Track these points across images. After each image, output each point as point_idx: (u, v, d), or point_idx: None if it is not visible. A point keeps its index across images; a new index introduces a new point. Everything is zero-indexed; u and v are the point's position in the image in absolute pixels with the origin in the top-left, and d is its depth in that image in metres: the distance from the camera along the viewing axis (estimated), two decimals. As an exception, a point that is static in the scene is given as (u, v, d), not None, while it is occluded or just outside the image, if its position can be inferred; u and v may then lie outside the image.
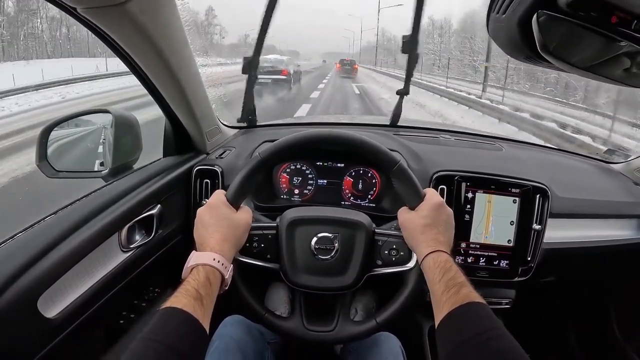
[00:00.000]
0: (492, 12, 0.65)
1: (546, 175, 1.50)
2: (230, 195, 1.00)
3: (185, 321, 0.74)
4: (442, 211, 1.00)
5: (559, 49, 0.57)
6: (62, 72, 20.98)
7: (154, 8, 0.97)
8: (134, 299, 1.32)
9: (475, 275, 1.42)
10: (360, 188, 1.53)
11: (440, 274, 0.87)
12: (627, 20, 0.53)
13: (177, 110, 1.36)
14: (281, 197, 1.54)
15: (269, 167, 1.12)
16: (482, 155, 1.68)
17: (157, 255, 1.29)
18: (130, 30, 0.97)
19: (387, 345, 1.19)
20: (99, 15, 0.91)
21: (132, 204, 1.17)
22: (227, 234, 0.94)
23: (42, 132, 1.30)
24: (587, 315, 2.02)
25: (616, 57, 0.58)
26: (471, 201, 1.40)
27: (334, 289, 1.07)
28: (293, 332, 1.08)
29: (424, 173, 1.45)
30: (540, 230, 1.41)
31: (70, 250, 0.94)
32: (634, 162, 1.83)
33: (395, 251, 1.07)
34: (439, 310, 0.82)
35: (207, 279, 0.83)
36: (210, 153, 1.58)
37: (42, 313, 0.87)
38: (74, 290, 0.97)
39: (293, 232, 1.07)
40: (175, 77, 1.19)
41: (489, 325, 0.75)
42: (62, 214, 1.04)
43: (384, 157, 1.05)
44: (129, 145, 1.35)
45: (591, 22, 0.53)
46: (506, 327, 0.70)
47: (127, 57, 1.10)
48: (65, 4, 0.87)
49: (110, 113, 1.32)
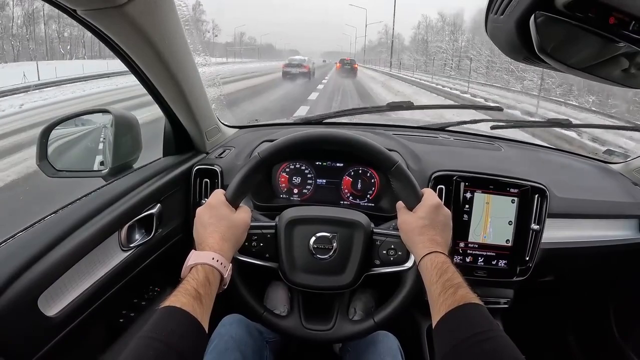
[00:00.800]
0: (491, 13, 0.65)
1: (545, 175, 1.50)
2: (230, 194, 1.00)
3: (184, 320, 0.75)
4: (439, 212, 1.00)
5: (557, 50, 0.57)
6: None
7: (153, 9, 0.98)
8: (134, 298, 1.33)
9: (473, 275, 1.43)
10: (360, 188, 1.53)
11: (437, 275, 0.87)
12: (625, 21, 0.53)
13: (177, 110, 1.37)
14: (280, 197, 1.55)
15: (268, 166, 1.12)
16: (481, 155, 1.68)
17: (157, 255, 1.30)
18: (130, 31, 0.98)
19: (385, 343, 1.20)
20: (98, 17, 0.92)
21: (132, 203, 1.17)
22: (226, 233, 0.94)
23: (43, 131, 1.30)
24: (586, 315, 2.03)
25: (614, 58, 0.58)
26: (470, 201, 1.41)
27: (332, 288, 1.08)
28: (291, 331, 1.08)
29: (422, 173, 1.46)
30: (538, 230, 1.42)
31: (71, 249, 0.95)
32: (633, 162, 1.84)
33: (393, 251, 1.07)
34: (436, 311, 0.83)
35: (206, 278, 0.83)
36: (210, 152, 1.58)
37: (42, 312, 0.88)
38: (74, 289, 0.98)
39: (292, 232, 1.08)
40: (175, 78, 1.20)
41: (485, 326, 0.75)
42: (63, 213, 1.04)
43: (382, 157, 1.06)
44: (129, 144, 1.36)
45: (589, 23, 0.53)
46: (504, 326, 0.71)
47: (126, 57, 1.10)
48: (65, 5, 0.87)
49: (110, 113, 1.33)
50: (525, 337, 1.73)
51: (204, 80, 1.40)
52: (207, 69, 1.52)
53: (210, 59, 1.61)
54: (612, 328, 1.87)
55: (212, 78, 1.60)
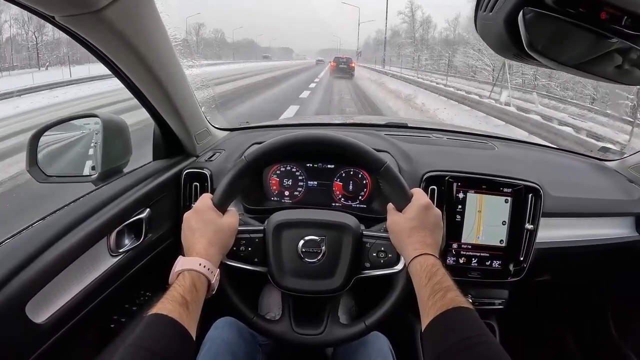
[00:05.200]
0: (480, 10, 0.64)
1: (539, 174, 1.49)
2: (217, 199, 1.00)
3: (170, 327, 0.75)
4: (429, 212, 0.99)
5: (547, 47, 0.56)
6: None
7: (132, 13, 0.97)
8: (125, 303, 1.33)
9: (467, 276, 1.42)
10: (351, 189, 1.52)
11: (426, 278, 0.87)
12: (616, 16, 0.52)
13: (165, 114, 1.36)
14: (272, 199, 1.54)
15: (256, 169, 1.11)
16: (474, 154, 1.67)
17: (147, 259, 1.29)
18: (110, 36, 0.97)
19: (375, 345, 1.19)
20: (77, 22, 0.92)
21: (120, 208, 1.17)
22: (214, 238, 0.94)
23: (32, 137, 1.30)
24: (583, 313, 2.02)
25: (607, 54, 0.57)
26: (462, 201, 1.40)
27: (322, 292, 1.07)
28: (282, 335, 1.08)
29: (414, 173, 1.45)
30: (532, 230, 1.41)
31: (58, 255, 0.95)
32: (629, 159, 1.83)
33: (383, 253, 1.06)
34: (425, 315, 0.83)
35: (193, 285, 0.83)
36: (200, 156, 1.58)
37: (30, 318, 0.88)
38: (63, 295, 0.98)
39: (280, 235, 1.07)
40: (160, 81, 1.19)
41: (474, 330, 0.75)
42: (50, 219, 1.04)
43: (371, 158, 1.05)
44: (118, 149, 1.35)
45: (579, 18, 0.52)
46: (500, 328, 0.70)
47: (109, 62, 1.09)
48: (43, 12, 0.87)
49: (99, 117, 1.32)
50: (521, 338, 1.72)
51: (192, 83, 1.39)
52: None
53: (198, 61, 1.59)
54: (609, 326, 1.86)
55: (201, 80, 1.59)
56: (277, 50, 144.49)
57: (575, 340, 2.01)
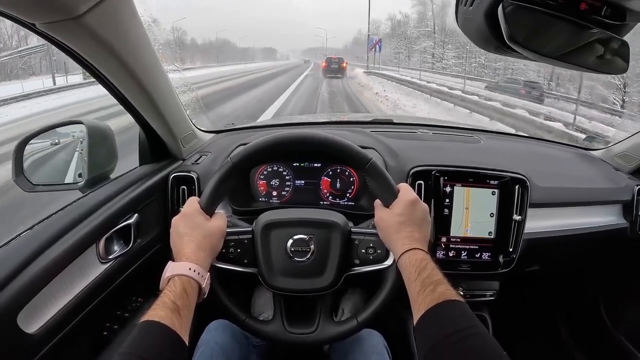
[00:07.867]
0: (460, 4, 0.64)
1: (525, 165, 1.50)
2: (204, 202, 1.00)
3: (162, 334, 0.74)
4: (416, 207, 0.99)
5: (528, 40, 0.56)
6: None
7: (113, 19, 0.97)
8: (117, 310, 1.32)
9: (457, 269, 1.42)
10: (339, 187, 1.52)
11: (416, 273, 0.87)
12: (596, 6, 0.52)
13: (149, 118, 1.35)
14: (260, 200, 1.53)
15: (242, 171, 1.11)
16: (460, 148, 1.68)
17: (137, 265, 1.28)
18: (91, 42, 0.96)
19: (370, 342, 1.20)
20: (57, 29, 0.91)
21: (108, 214, 1.16)
22: (202, 242, 0.94)
23: (17, 146, 1.28)
24: (574, 302, 2.04)
25: (588, 44, 0.58)
26: (450, 195, 1.41)
27: (313, 290, 1.07)
28: (274, 335, 1.08)
29: (400, 169, 1.45)
30: (520, 220, 1.42)
31: (47, 264, 0.94)
32: (614, 147, 1.85)
33: (372, 249, 1.06)
34: (416, 309, 0.83)
35: (184, 290, 0.83)
36: (187, 159, 1.57)
37: (22, 329, 0.87)
38: (54, 304, 0.97)
39: (268, 236, 1.07)
40: (143, 86, 1.18)
41: (465, 323, 0.75)
42: (37, 228, 1.03)
43: (356, 155, 1.05)
44: (104, 155, 1.34)
45: (559, 10, 0.53)
46: (492, 319, 0.70)
47: (92, 69, 1.09)
48: (24, 20, 0.87)
49: (83, 124, 1.31)
50: (514, 329, 1.73)
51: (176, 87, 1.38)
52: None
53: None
54: (601, 313, 1.88)
55: (184, 84, 1.58)
56: (259, 51, 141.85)
57: (568, 329, 2.03)
